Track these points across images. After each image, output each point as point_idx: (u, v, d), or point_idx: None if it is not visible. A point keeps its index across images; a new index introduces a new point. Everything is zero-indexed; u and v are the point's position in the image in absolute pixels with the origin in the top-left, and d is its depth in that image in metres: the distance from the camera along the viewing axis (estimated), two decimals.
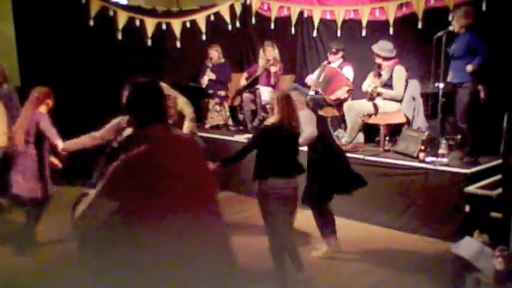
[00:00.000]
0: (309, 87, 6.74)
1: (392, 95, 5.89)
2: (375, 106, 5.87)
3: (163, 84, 5.35)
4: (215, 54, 7.57)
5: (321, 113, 6.57)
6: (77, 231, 2.37)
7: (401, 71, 5.89)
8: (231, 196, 6.33)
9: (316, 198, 4.41)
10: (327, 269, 4.38)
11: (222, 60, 7.64)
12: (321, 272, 4.29)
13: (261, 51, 7.40)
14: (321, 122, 4.57)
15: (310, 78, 6.79)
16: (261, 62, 7.38)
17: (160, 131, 2.15)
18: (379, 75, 5.97)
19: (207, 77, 7.54)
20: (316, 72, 6.78)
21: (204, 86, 7.55)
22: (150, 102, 2.16)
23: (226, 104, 7.72)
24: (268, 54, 7.24)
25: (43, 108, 4.64)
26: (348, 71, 6.59)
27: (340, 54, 6.68)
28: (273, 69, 7.17)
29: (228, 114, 7.73)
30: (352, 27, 6.99)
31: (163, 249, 2.06)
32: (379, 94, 5.93)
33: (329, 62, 6.74)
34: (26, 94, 4.78)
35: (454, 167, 5.04)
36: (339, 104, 6.39)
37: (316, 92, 6.55)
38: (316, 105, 6.41)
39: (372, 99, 5.92)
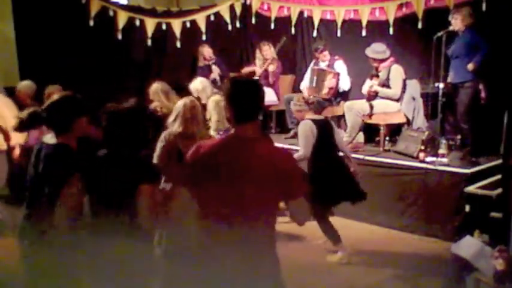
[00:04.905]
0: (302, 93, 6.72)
1: (390, 93, 5.89)
2: (371, 106, 5.86)
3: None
4: (209, 51, 7.40)
5: (324, 114, 6.57)
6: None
7: (398, 70, 5.89)
8: None
9: (320, 209, 4.30)
10: (326, 270, 4.38)
11: (214, 57, 7.44)
12: (320, 272, 4.29)
13: (257, 51, 7.37)
14: (323, 128, 4.46)
15: (305, 86, 6.78)
16: (258, 62, 7.33)
17: (246, 131, 2.20)
18: (377, 76, 5.98)
19: (215, 71, 7.36)
20: (308, 78, 6.75)
21: (217, 81, 7.25)
22: (247, 100, 2.20)
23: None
24: (266, 53, 7.22)
25: None
26: (340, 65, 6.58)
27: (326, 50, 6.66)
28: (271, 67, 7.15)
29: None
30: (352, 27, 6.99)
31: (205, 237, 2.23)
32: (377, 93, 5.93)
33: (317, 62, 6.71)
34: None
35: (454, 167, 5.04)
36: (336, 95, 6.41)
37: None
38: (320, 107, 6.40)
39: (370, 99, 5.92)
